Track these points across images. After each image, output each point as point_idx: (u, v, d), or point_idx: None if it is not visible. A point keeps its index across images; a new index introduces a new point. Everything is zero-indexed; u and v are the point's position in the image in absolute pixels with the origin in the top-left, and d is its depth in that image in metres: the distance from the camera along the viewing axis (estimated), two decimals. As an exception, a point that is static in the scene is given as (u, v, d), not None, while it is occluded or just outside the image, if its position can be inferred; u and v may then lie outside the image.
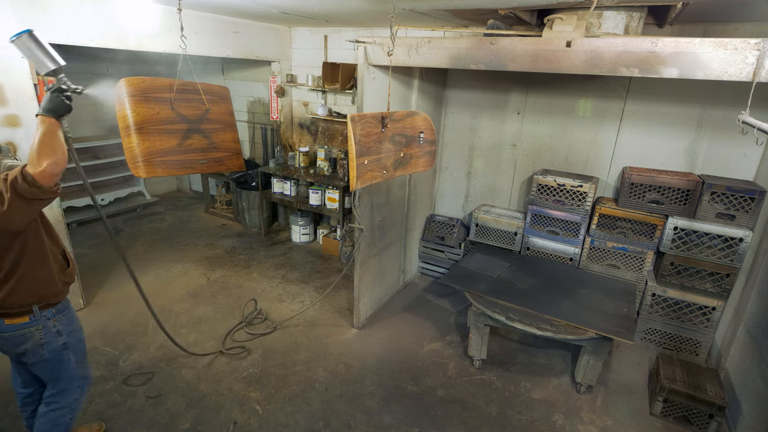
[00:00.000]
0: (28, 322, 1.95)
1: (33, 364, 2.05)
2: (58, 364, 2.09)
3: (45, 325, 2.00)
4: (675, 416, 2.83)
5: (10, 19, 2.96)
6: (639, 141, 3.61)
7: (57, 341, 2.05)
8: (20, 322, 1.93)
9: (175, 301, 3.96)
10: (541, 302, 3.08)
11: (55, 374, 2.11)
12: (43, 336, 2.00)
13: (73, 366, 2.14)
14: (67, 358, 2.11)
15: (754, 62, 1.99)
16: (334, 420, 2.75)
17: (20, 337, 1.95)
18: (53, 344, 2.04)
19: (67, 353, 2.10)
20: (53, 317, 2.02)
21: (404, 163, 2.84)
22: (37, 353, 2.01)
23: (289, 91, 5.43)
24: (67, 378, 2.14)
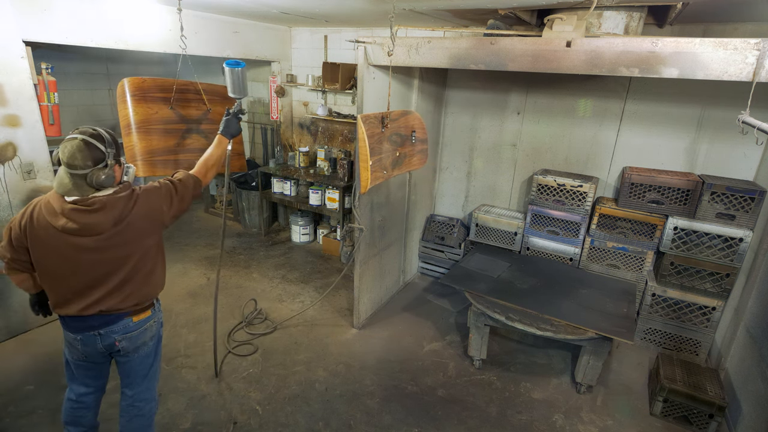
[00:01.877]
0: (150, 315, 1.98)
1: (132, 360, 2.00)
2: (155, 356, 2.09)
3: (157, 317, 2.04)
4: (675, 416, 2.83)
5: (10, 20, 2.96)
6: (639, 141, 3.61)
7: (160, 332, 2.08)
8: (146, 316, 1.96)
9: (175, 301, 3.96)
10: (541, 302, 3.08)
11: (147, 368, 2.07)
12: (156, 327, 2.03)
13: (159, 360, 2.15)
14: (160, 348, 2.13)
15: (754, 62, 1.99)
16: (334, 420, 2.75)
17: (143, 333, 1.97)
18: (158, 335, 2.06)
19: (160, 344, 2.12)
20: (159, 308, 2.07)
21: (400, 163, 2.85)
22: (147, 346, 2.01)
23: (289, 91, 5.43)
24: (155, 370, 2.13)
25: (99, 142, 1.74)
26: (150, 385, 2.13)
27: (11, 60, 3.03)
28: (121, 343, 1.93)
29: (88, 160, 1.70)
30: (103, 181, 1.72)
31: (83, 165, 1.70)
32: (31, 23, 3.07)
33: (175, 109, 2.58)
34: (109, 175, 1.74)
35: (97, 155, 1.72)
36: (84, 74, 5.67)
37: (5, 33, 2.96)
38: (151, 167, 2.57)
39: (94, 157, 1.71)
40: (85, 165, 1.70)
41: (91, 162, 1.71)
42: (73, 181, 1.71)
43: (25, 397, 2.78)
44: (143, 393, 2.10)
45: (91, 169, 1.71)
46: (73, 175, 1.71)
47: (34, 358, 3.12)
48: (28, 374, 2.97)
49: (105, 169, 1.73)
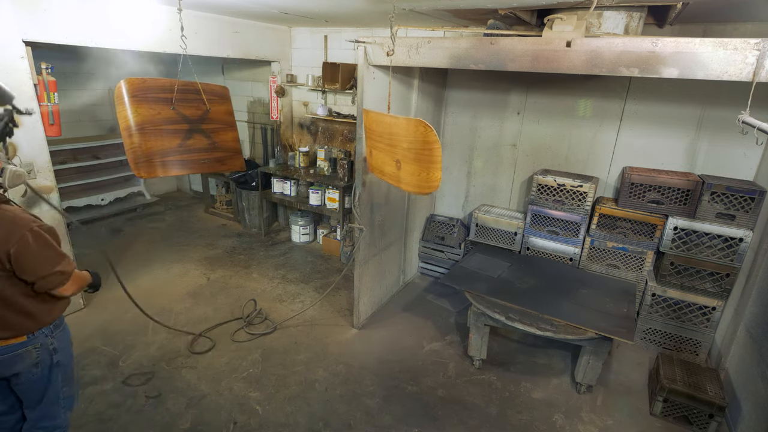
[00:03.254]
0: (26, 341, 1.80)
1: (20, 384, 1.87)
2: (47, 384, 1.93)
3: (42, 343, 1.85)
4: (675, 416, 2.83)
5: (10, 20, 2.96)
6: (639, 141, 3.61)
7: (50, 359, 1.90)
8: (17, 341, 1.78)
9: (175, 301, 3.96)
10: (541, 302, 3.08)
11: (40, 395, 1.93)
12: (39, 354, 1.85)
13: (59, 386, 1.98)
14: (55, 377, 1.95)
15: (754, 62, 1.99)
16: (334, 420, 2.75)
17: (15, 358, 1.79)
18: (47, 362, 1.89)
19: (56, 372, 1.94)
20: (51, 334, 1.89)
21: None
22: (30, 373, 1.85)
23: (289, 91, 5.43)
24: (53, 398, 1.97)
25: None
26: (50, 412, 1.97)
27: (11, 60, 3.03)
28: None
29: None
30: None
31: None
32: (31, 23, 3.07)
33: (177, 109, 2.58)
34: None
35: None
36: (84, 74, 5.68)
37: (5, 33, 2.96)
38: (155, 169, 2.58)
39: None
40: None
41: None
42: None
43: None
44: (42, 420, 1.97)
45: None
46: None
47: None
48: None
49: None
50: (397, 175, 2.40)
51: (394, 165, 2.42)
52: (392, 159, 2.40)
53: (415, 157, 2.19)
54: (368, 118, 2.61)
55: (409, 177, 2.30)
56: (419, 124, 2.11)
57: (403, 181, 2.37)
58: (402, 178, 2.37)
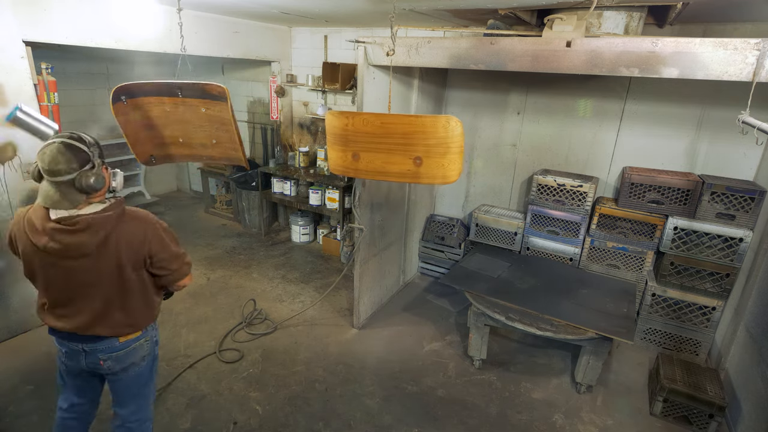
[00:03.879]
0: (140, 336, 1.86)
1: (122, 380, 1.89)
2: (149, 376, 1.99)
3: (151, 336, 1.93)
4: (675, 416, 2.83)
5: (10, 20, 2.96)
6: (639, 141, 3.61)
7: (155, 351, 1.98)
8: (134, 336, 1.83)
9: (174, 301, 3.96)
10: (541, 302, 3.08)
11: (139, 388, 1.96)
12: (149, 347, 1.92)
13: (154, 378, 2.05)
14: (155, 367, 2.02)
15: (754, 62, 1.99)
16: (334, 420, 2.75)
17: (132, 352, 1.85)
18: (152, 354, 1.96)
19: (155, 363, 2.01)
20: (154, 326, 1.97)
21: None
22: (138, 366, 1.90)
23: (289, 91, 5.43)
24: (149, 390, 2.02)
25: (80, 143, 1.58)
26: (143, 405, 2.01)
27: (11, 60, 3.03)
28: (107, 363, 1.80)
29: (73, 162, 1.53)
30: (93, 184, 1.56)
31: (68, 169, 1.52)
32: (31, 23, 3.06)
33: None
34: (99, 175, 1.60)
35: (81, 156, 1.56)
36: (84, 74, 5.68)
37: (5, 33, 2.96)
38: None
39: (78, 158, 1.55)
40: (70, 169, 1.53)
41: (77, 164, 1.54)
42: (59, 191, 1.54)
43: (25, 397, 2.78)
44: (135, 413, 1.98)
45: (78, 172, 1.54)
46: (58, 184, 1.53)
47: (34, 358, 3.11)
48: (27, 375, 2.97)
49: (93, 170, 1.58)
50: (416, 172, 2.49)
51: (410, 163, 2.48)
52: (407, 158, 2.46)
53: (442, 151, 2.36)
54: (352, 121, 2.48)
55: (431, 171, 2.44)
56: (450, 120, 2.31)
57: (424, 175, 2.48)
58: (423, 174, 2.47)
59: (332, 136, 2.60)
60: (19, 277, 3.32)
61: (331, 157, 2.66)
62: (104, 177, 1.64)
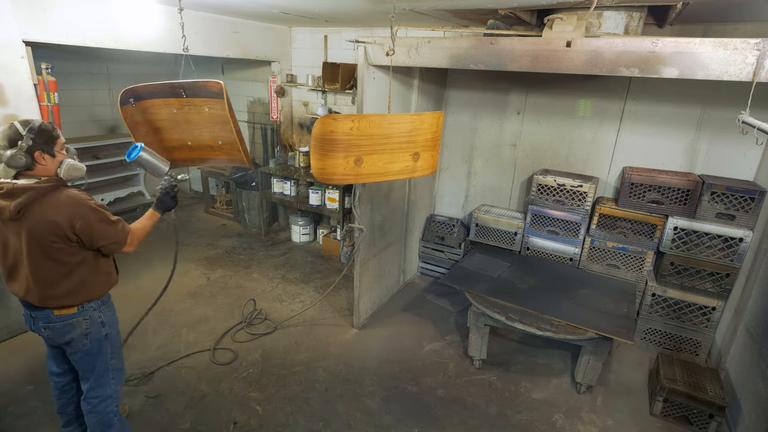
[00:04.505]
0: (76, 313, 2.00)
1: (74, 353, 2.07)
2: (98, 355, 2.11)
3: (91, 315, 2.04)
4: (675, 416, 2.83)
5: (10, 20, 2.96)
6: (639, 141, 3.61)
7: (100, 332, 2.08)
8: (69, 312, 1.98)
9: (175, 301, 3.96)
10: (541, 302, 3.08)
11: (91, 365, 2.11)
12: (89, 326, 2.04)
13: (108, 357, 2.15)
14: (105, 348, 2.13)
15: (754, 62, 1.99)
16: (334, 420, 2.75)
17: (68, 327, 2.00)
18: (96, 334, 2.07)
19: (106, 344, 2.12)
20: (98, 308, 2.07)
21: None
22: (81, 342, 2.04)
23: (289, 91, 5.43)
24: (102, 369, 2.14)
25: (23, 127, 1.84)
26: (100, 383, 2.14)
27: (11, 60, 3.03)
28: (46, 331, 2.00)
29: (5, 140, 1.82)
30: (9, 160, 1.81)
31: (2, 146, 1.83)
32: (31, 23, 3.07)
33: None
34: (18, 156, 1.81)
35: (13, 137, 1.82)
36: (84, 74, 5.67)
37: (5, 33, 2.96)
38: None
39: (10, 138, 1.82)
40: (3, 146, 1.82)
41: (6, 142, 1.81)
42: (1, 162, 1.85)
43: (25, 397, 2.79)
44: (93, 390, 2.14)
45: (6, 149, 1.82)
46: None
47: (34, 358, 3.11)
48: (27, 375, 2.97)
49: (15, 150, 1.81)
50: (414, 167, 2.64)
51: (410, 159, 2.61)
52: (408, 154, 2.58)
53: (433, 144, 2.65)
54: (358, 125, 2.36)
55: (426, 163, 2.67)
56: (439, 116, 2.63)
57: (419, 169, 2.66)
58: (418, 167, 2.65)
59: (327, 143, 2.40)
60: (19, 277, 3.32)
61: (326, 165, 2.46)
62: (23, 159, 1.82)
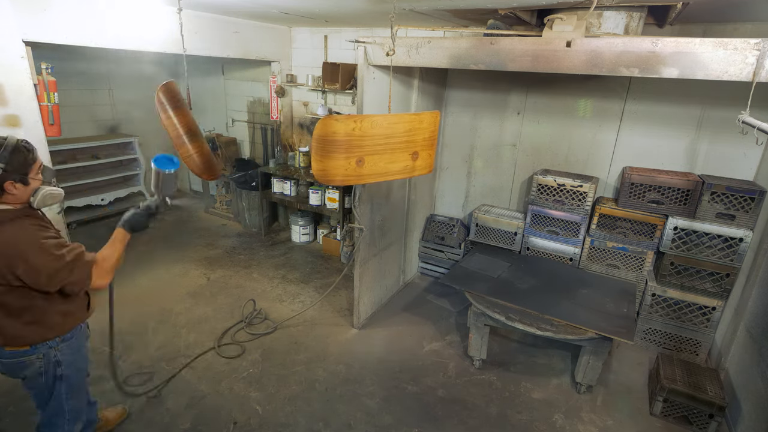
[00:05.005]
0: (28, 351, 1.85)
1: (28, 388, 1.97)
2: (48, 395, 1.97)
3: (46, 354, 1.89)
4: (675, 416, 2.83)
5: (10, 20, 2.96)
6: (639, 141, 3.61)
7: (55, 371, 1.93)
8: (20, 349, 1.84)
9: (175, 301, 3.96)
10: (541, 302, 3.08)
11: (44, 402, 2.00)
12: (43, 365, 1.90)
13: (62, 398, 2.00)
14: (58, 389, 1.97)
15: (754, 62, 1.99)
16: (334, 420, 2.75)
17: (20, 364, 1.86)
18: (52, 373, 1.93)
19: (59, 385, 1.97)
20: (56, 345, 1.92)
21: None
22: (35, 380, 1.92)
23: (289, 91, 5.43)
24: (56, 410, 2.01)
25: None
26: (52, 423, 2.02)
27: (11, 60, 3.02)
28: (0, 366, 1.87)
29: None
30: None
31: None
32: (31, 23, 3.06)
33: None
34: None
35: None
36: (84, 74, 5.68)
37: (5, 33, 2.95)
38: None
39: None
40: None
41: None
42: None
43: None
44: (46, 425, 2.04)
45: None
46: None
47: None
48: (28, 374, 2.97)
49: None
50: (413, 166, 2.65)
51: (409, 158, 2.62)
52: (407, 154, 2.59)
53: (431, 143, 2.67)
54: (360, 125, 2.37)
55: (424, 162, 2.69)
56: (437, 115, 2.65)
57: (418, 168, 2.68)
58: (417, 167, 2.67)
59: (329, 143, 2.39)
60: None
61: (328, 167, 2.47)
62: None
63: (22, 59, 3.07)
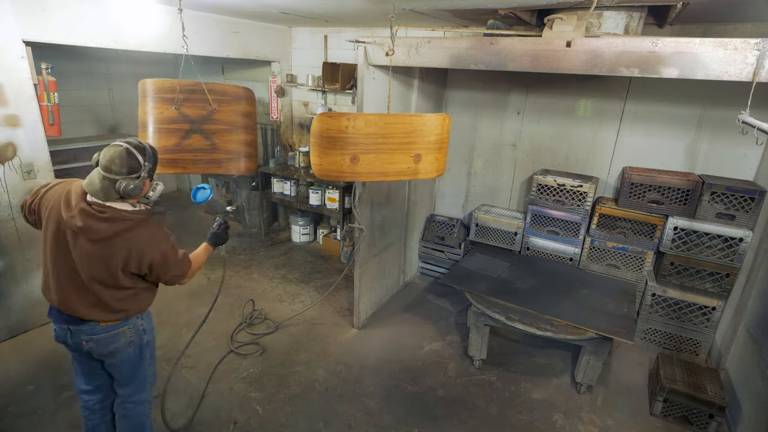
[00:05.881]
0: (121, 323, 1.98)
1: (114, 363, 2.04)
2: (139, 362, 2.10)
3: (134, 324, 2.03)
4: (675, 416, 2.83)
5: (10, 20, 2.96)
6: (639, 141, 3.61)
7: (142, 339, 2.07)
8: (114, 323, 1.96)
9: (175, 301, 3.96)
10: (541, 302, 3.08)
11: (132, 372, 2.10)
12: (132, 335, 2.03)
13: (147, 363, 2.15)
14: (146, 354, 2.12)
15: (754, 62, 1.99)
16: (334, 420, 2.75)
17: (113, 337, 1.97)
18: (138, 342, 2.06)
19: (146, 350, 2.12)
20: (141, 317, 2.07)
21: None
22: (124, 352, 2.02)
23: (289, 91, 5.43)
24: (143, 375, 2.15)
25: (140, 153, 1.82)
26: (139, 388, 2.15)
27: (11, 60, 3.03)
28: (89, 344, 1.94)
29: (124, 167, 1.77)
30: (130, 191, 1.78)
31: (118, 171, 1.77)
32: (31, 23, 3.07)
33: (180, 109, 2.56)
34: (138, 186, 1.80)
35: (133, 165, 1.79)
36: (84, 74, 5.67)
37: (5, 33, 2.96)
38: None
39: (130, 165, 1.78)
40: (119, 172, 1.77)
41: (126, 170, 1.77)
42: (102, 184, 1.78)
43: (25, 397, 2.78)
44: (132, 395, 2.14)
45: (124, 176, 1.78)
46: (104, 178, 1.77)
47: (34, 358, 3.12)
48: (28, 374, 2.97)
49: (136, 180, 1.80)
50: (415, 169, 2.58)
51: (411, 161, 2.56)
52: (408, 156, 2.53)
53: (438, 147, 2.57)
54: (353, 123, 2.42)
55: (429, 166, 2.59)
56: (444, 118, 2.52)
57: (422, 171, 2.60)
58: (421, 169, 2.59)
59: (325, 140, 2.53)
60: (19, 277, 3.32)
61: (323, 162, 2.57)
62: (142, 187, 1.84)
63: (22, 59, 3.07)
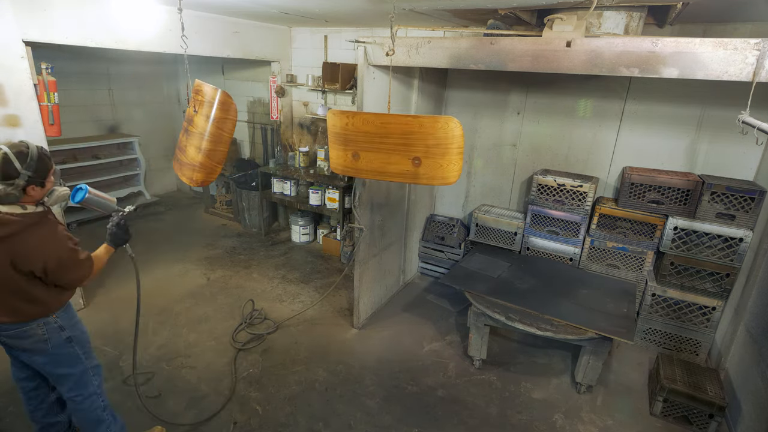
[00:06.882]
0: (29, 322, 1.97)
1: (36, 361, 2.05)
2: (67, 358, 2.09)
3: (46, 321, 2.01)
4: (675, 416, 2.83)
5: (10, 20, 2.96)
6: (639, 141, 3.61)
7: (60, 336, 2.05)
8: (22, 321, 1.96)
9: (175, 301, 3.96)
10: (541, 302, 3.08)
11: (63, 370, 2.10)
12: (45, 332, 2.01)
13: (82, 358, 2.15)
14: (75, 350, 2.11)
15: (754, 62, 1.99)
16: (334, 420, 2.75)
17: (22, 334, 1.97)
18: (56, 339, 2.04)
19: (73, 346, 2.11)
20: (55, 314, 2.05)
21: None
22: (39, 349, 2.01)
23: (289, 91, 5.43)
24: (79, 371, 2.14)
25: (20, 160, 1.77)
26: (80, 384, 2.16)
27: (11, 60, 3.03)
28: (4, 340, 1.99)
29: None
30: (3, 198, 1.76)
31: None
32: (31, 23, 3.07)
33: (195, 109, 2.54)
34: (11, 194, 1.77)
35: (8, 171, 1.76)
36: (84, 74, 5.67)
37: (5, 33, 2.96)
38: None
39: (4, 172, 1.75)
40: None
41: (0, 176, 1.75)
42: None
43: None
44: (72, 390, 2.16)
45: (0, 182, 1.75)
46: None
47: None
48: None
49: (9, 188, 1.76)
50: (415, 172, 2.50)
51: (408, 164, 2.48)
52: (406, 158, 2.46)
53: (442, 152, 2.38)
54: (352, 120, 2.50)
55: (432, 171, 2.45)
56: (447, 121, 2.30)
57: (423, 176, 2.48)
58: (422, 174, 2.48)
59: (333, 135, 2.63)
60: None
61: (332, 156, 2.70)
62: (17, 195, 1.79)
63: (22, 59, 3.07)
